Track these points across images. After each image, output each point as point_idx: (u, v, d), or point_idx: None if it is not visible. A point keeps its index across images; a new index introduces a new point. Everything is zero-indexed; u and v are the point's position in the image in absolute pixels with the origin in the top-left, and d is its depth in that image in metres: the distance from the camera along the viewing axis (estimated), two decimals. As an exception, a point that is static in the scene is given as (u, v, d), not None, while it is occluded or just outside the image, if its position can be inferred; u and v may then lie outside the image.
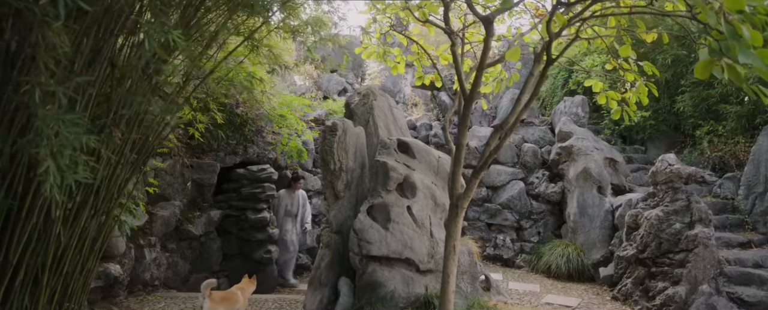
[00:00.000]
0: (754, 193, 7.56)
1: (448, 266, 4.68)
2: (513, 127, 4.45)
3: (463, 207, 4.66)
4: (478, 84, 4.58)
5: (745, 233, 7.44)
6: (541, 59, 4.21)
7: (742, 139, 7.99)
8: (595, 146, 8.35)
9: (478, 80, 4.55)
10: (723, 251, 7.03)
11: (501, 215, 9.14)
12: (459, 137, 4.70)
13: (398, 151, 6.25)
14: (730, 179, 8.03)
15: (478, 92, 7.60)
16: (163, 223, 7.03)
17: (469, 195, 4.61)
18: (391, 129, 7.19)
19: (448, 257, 4.66)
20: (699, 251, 5.84)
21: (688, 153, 8.88)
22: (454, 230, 4.66)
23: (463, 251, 6.06)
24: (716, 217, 7.66)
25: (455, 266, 4.71)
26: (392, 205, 5.80)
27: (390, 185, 5.86)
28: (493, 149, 4.44)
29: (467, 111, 4.70)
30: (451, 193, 4.68)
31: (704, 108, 8.58)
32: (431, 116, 10.47)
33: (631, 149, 10.00)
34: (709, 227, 5.94)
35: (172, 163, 7.40)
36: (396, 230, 5.66)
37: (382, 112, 7.10)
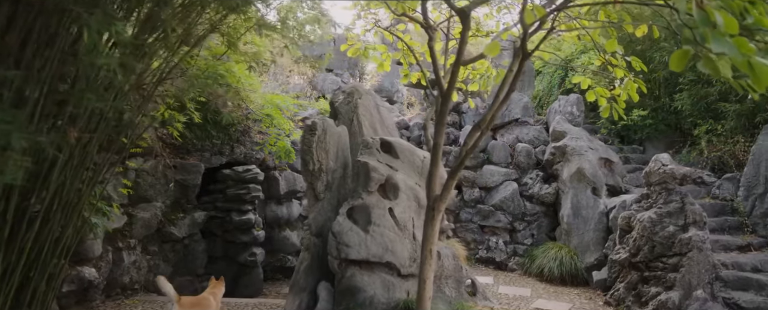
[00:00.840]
0: (753, 194, 7.30)
1: (424, 271, 4.48)
2: (489, 125, 4.24)
3: (440, 209, 4.46)
4: (454, 80, 4.37)
5: (744, 236, 7.18)
6: (519, 54, 4.00)
7: (742, 139, 7.73)
8: (590, 146, 8.12)
9: (454, 76, 4.34)
10: (721, 254, 6.79)
11: (494, 216, 8.92)
12: (436, 136, 4.49)
13: (381, 151, 6.05)
14: (729, 179, 7.77)
15: (473, 91, 7.36)
16: (144, 225, 6.87)
17: (446, 197, 4.40)
18: (377, 128, 6.99)
19: (425, 262, 4.46)
20: (693, 254, 5.60)
21: (687, 153, 8.63)
22: (431, 233, 4.46)
23: (447, 255, 5.86)
24: (714, 219, 7.42)
25: (432, 271, 4.51)
26: (373, 207, 5.60)
27: (371, 186, 5.66)
28: (470, 149, 4.23)
29: (445, 108, 4.50)
30: (428, 194, 4.47)
31: (703, 106, 8.33)
32: (425, 116, 10.24)
33: (628, 149, 9.75)
34: (704, 230, 5.70)
35: (154, 163, 7.23)
36: (376, 233, 5.46)
37: (367, 110, 6.90)
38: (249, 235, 7.83)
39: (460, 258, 6.16)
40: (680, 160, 8.80)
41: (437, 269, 5.70)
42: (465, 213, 9.19)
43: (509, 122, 9.53)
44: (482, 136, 4.17)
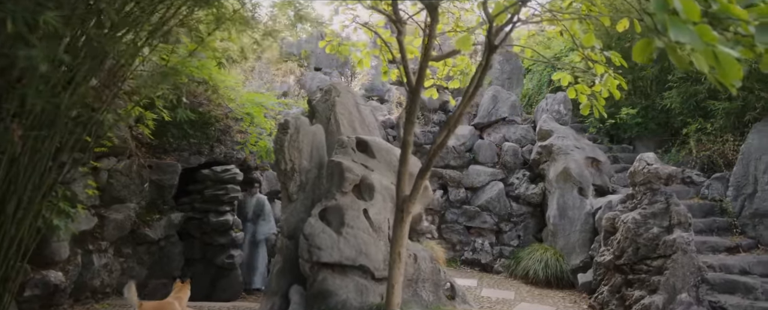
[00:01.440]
0: (743, 194, 7.13)
1: (393, 275, 4.30)
2: (457, 122, 4.06)
3: (409, 211, 4.29)
4: (422, 76, 4.20)
5: (732, 237, 7.02)
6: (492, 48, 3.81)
7: (731, 138, 7.56)
8: (576, 145, 7.94)
9: (422, 72, 4.17)
10: (708, 256, 6.62)
11: (480, 217, 8.74)
12: (405, 134, 4.31)
13: (356, 150, 5.87)
14: (718, 179, 7.60)
15: (458, 89, 7.16)
16: (116, 226, 6.67)
17: (415, 197, 4.23)
18: (356, 127, 6.80)
19: (393, 266, 4.28)
20: (677, 257, 5.42)
21: (676, 152, 8.46)
22: (400, 235, 4.28)
23: (424, 257, 5.67)
24: (703, 220, 7.25)
25: (401, 274, 4.33)
26: (347, 208, 5.41)
27: (345, 186, 5.48)
28: (437, 147, 4.05)
29: (414, 105, 4.31)
30: (397, 195, 4.30)
31: (692, 105, 8.16)
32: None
33: (617, 148, 9.57)
34: (689, 232, 5.52)
35: (128, 163, 7.04)
36: (350, 235, 5.28)
37: (346, 109, 6.71)
38: (227, 236, 7.64)
39: (439, 260, 5.98)
40: (669, 159, 8.63)
41: (414, 272, 5.52)
42: (450, 214, 9.01)
43: (496, 121, 9.34)
44: (450, 134, 3.98)
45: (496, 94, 9.44)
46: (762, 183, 6.89)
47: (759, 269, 6.31)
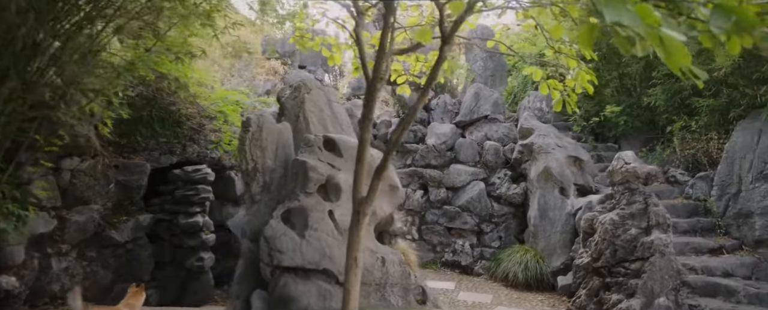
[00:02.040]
0: (727, 194, 6.93)
1: (348, 280, 4.06)
2: (412, 117, 3.83)
3: (366, 213, 4.05)
4: (379, 70, 3.96)
5: (716, 238, 6.81)
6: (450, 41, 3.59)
7: (716, 136, 7.36)
8: (558, 143, 7.72)
9: (378, 65, 3.93)
10: (691, 258, 6.42)
11: (460, 218, 8.52)
12: (361, 130, 4.07)
13: (323, 149, 5.63)
14: (702, 178, 7.40)
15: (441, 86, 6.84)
16: (78, 229, 6.43)
17: (371, 199, 3.99)
18: (328, 125, 6.57)
19: (349, 271, 4.05)
20: (655, 259, 5.21)
21: (661, 151, 8.25)
22: (356, 239, 4.04)
23: (393, 261, 5.44)
24: (686, 220, 7.05)
25: (358, 280, 4.10)
26: (311, 209, 5.18)
27: (309, 187, 5.24)
28: (392, 145, 3.82)
29: (371, 100, 4.08)
30: (353, 197, 4.07)
31: (677, 102, 7.95)
32: (392, 113, 9.86)
33: (602, 147, 9.37)
34: (667, 233, 5.31)
35: (93, 163, 6.79)
36: (313, 238, 5.05)
37: (316, 106, 6.48)
38: (196, 239, 7.40)
39: (410, 264, 5.75)
40: (654, 158, 8.42)
41: (381, 276, 5.29)
42: (431, 214, 8.79)
43: (478, 119, 9.13)
44: (404, 130, 3.75)
45: (479, 92, 9.22)
46: (746, 182, 6.69)
47: (742, 271, 6.11)
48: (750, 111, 6.99)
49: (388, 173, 5.80)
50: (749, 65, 6.79)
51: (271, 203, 5.51)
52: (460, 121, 9.22)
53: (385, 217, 5.76)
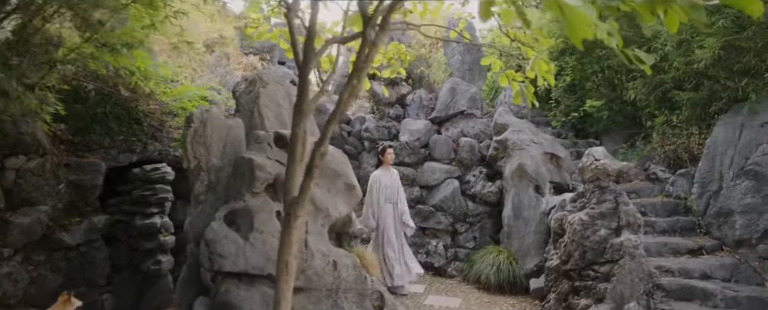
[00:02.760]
0: (708, 191, 6.60)
1: (279, 288, 3.71)
2: (341, 113, 3.49)
3: (297, 215, 3.72)
4: (309, 57, 3.63)
5: (696, 238, 6.49)
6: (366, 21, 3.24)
7: (697, 131, 7.03)
8: (533, 140, 7.39)
9: (308, 54, 3.60)
10: (669, 259, 6.10)
11: (434, 217, 8.19)
12: (293, 126, 3.74)
13: (274, 145, 5.30)
14: (683, 175, 7.07)
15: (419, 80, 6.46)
16: (23, 231, 6.08)
17: (303, 200, 3.66)
18: (286, 121, 6.23)
19: (280, 277, 3.70)
20: (625, 262, 4.89)
21: (642, 147, 7.92)
22: (287, 243, 3.69)
23: (346, 264, 5.11)
24: (666, 219, 6.74)
25: (289, 287, 3.76)
26: (258, 210, 4.86)
27: (256, 186, 4.92)
28: (319, 141, 3.48)
29: (303, 90, 3.74)
30: (284, 198, 3.73)
31: (658, 95, 7.61)
32: (367, 109, 9.53)
33: (583, 143, 9.03)
34: (638, 234, 4.99)
35: (41, 162, 6.46)
36: (258, 241, 4.72)
37: (273, 101, 6.15)
38: (154, 241, 7.07)
39: (368, 267, 5.43)
40: (635, 154, 8.09)
41: (333, 281, 4.96)
42: (404, 214, 8.45)
43: (454, 115, 8.79)
44: (331, 123, 3.41)
45: (455, 87, 8.88)
46: (727, 179, 6.36)
47: (721, 273, 5.79)
48: (732, 104, 6.66)
49: (343, 172, 5.48)
50: (730, 56, 6.46)
51: (216, 204, 5.18)
52: (436, 116, 8.89)
53: (341, 218, 5.43)
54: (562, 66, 8.74)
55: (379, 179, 6.96)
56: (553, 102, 9.12)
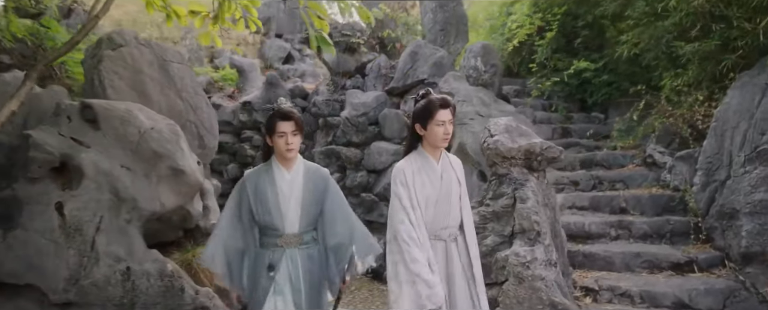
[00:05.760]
0: (714, 181, 4.65)
1: None
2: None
3: None
4: None
5: (690, 247, 4.63)
6: None
7: (701, 96, 5.03)
8: (480, 112, 5.72)
9: None
10: (641, 275, 4.36)
11: (377, 209, 6.78)
12: None
13: (78, 118, 4.21)
14: (684, 159, 5.13)
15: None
16: None
17: None
18: (150, 92, 5.16)
19: None
20: (509, 287, 3.29)
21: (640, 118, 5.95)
22: None
23: (148, 273, 3.92)
24: (650, 220, 4.94)
25: None
26: (29, 200, 3.81)
27: (32, 170, 3.87)
28: None
29: None
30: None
31: (662, 50, 5.62)
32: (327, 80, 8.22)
33: (580, 118, 7.12)
34: (536, 245, 3.34)
35: None
36: (18, 241, 3.69)
37: (128, 67, 5.06)
38: None
39: (197, 275, 4.24)
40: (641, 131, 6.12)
41: (123, 293, 3.82)
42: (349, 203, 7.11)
43: (414, 85, 7.23)
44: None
45: (417, 51, 7.32)
46: (736, 165, 4.41)
47: (706, 302, 3.97)
48: (751, 58, 4.62)
49: (166, 152, 4.29)
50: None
51: (5, 192, 4.21)
52: (393, 87, 7.39)
53: (165, 212, 4.27)
54: (548, 21, 6.86)
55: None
56: (533, 66, 7.23)
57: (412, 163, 2.60)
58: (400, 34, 8.05)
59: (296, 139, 2.64)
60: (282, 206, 2.67)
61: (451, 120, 2.51)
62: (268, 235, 2.70)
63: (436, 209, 2.57)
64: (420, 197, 2.52)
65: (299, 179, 2.73)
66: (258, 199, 2.67)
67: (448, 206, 2.60)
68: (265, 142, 2.76)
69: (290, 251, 2.67)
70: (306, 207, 2.70)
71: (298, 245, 2.69)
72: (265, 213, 2.66)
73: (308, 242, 2.73)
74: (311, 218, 2.73)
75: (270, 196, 2.67)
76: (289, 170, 2.73)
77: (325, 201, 2.80)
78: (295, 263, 2.66)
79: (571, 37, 7.02)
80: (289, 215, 2.66)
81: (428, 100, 2.53)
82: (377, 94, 7.32)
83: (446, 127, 2.49)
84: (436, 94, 2.57)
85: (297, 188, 2.70)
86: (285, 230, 2.66)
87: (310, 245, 2.74)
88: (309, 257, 2.71)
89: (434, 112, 2.47)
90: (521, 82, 7.72)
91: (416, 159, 2.61)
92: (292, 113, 2.63)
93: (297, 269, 2.66)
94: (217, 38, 4.53)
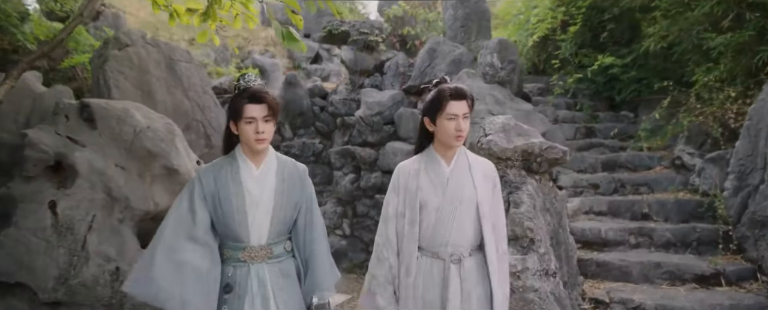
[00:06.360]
0: (747, 186, 4.24)
1: None
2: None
3: None
4: None
5: (718, 258, 4.22)
6: None
7: (734, 92, 4.59)
8: (492, 111, 5.44)
9: None
10: (649, 290, 4.02)
11: (391, 210, 6.58)
12: None
13: (76, 117, 4.23)
14: (714, 161, 4.70)
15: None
16: None
17: None
18: (155, 92, 5.18)
19: None
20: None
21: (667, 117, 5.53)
22: None
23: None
24: (675, 227, 4.56)
25: None
26: (24, 199, 3.84)
27: (27, 168, 3.90)
28: None
29: None
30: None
31: (692, 42, 5.20)
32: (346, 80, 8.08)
33: (607, 117, 6.70)
34: (529, 254, 3.08)
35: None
36: (10, 239, 3.70)
37: (135, 67, 5.09)
38: None
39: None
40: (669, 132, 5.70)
41: (112, 294, 3.78)
42: (362, 205, 6.98)
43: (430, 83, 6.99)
44: None
45: (435, 48, 7.08)
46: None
47: (730, 321, 3.57)
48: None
49: (160, 152, 4.24)
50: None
51: (8, 190, 4.27)
52: (411, 86, 7.17)
53: (159, 211, 4.22)
54: (572, 14, 6.50)
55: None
56: (556, 62, 6.85)
57: (415, 162, 2.24)
58: (420, 31, 7.82)
59: (268, 126, 2.08)
60: (248, 210, 2.10)
61: (465, 114, 2.10)
62: (228, 246, 2.13)
63: (437, 219, 2.14)
64: (415, 202, 2.14)
65: (271, 177, 2.17)
66: (216, 201, 2.10)
67: (451, 217, 2.12)
68: (228, 129, 2.17)
69: (257, 268, 2.10)
70: (279, 212, 2.15)
71: (266, 259, 2.12)
72: (226, 219, 2.10)
73: (280, 255, 2.17)
74: (285, 226, 2.19)
75: (233, 197, 2.10)
76: (258, 165, 2.16)
77: (302, 204, 2.25)
78: (263, 281, 2.09)
79: (598, 31, 6.61)
80: (256, 223, 2.11)
81: (439, 89, 2.16)
82: (393, 92, 7.13)
83: (459, 122, 2.08)
84: (449, 84, 2.19)
85: (268, 188, 2.15)
86: (250, 242, 2.11)
87: (282, 259, 2.18)
88: (282, 274, 2.15)
89: (444, 103, 2.08)
90: (546, 79, 7.35)
91: (422, 158, 2.24)
92: (265, 94, 2.06)
93: (265, 288, 2.08)
94: (215, 37, 4.47)
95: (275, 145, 7.71)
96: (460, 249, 2.13)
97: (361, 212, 6.99)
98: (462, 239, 2.13)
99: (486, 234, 2.13)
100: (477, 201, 2.13)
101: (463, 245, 2.13)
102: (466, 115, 2.12)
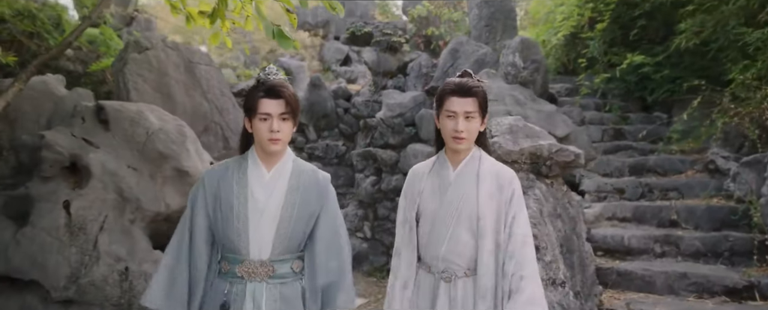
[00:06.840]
0: (785, 192, 3.92)
1: None
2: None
3: None
4: None
5: (751, 269, 3.92)
6: None
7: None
8: (510, 112, 5.25)
9: None
10: (687, 302, 3.78)
11: (411, 213, 6.47)
12: None
13: (92, 119, 4.32)
14: (750, 165, 4.38)
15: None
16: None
17: None
18: (175, 94, 5.27)
19: None
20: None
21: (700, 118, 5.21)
22: None
23: (148, 274, 3.93)
24: (705, 235, 4.29)
25: None
26: (40, 199, 3.94)
27: (44, 169, 4.00)
28: None
29: None
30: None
31: (728, 38, 4.88)
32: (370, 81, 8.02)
33: (638, 118, 6.39)
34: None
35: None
36: (26, 238, 3.81)
37: (154, 70, 5.19)
38: None
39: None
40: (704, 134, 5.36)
41: (121, 294, 3.83)
42: (383, 208, 6.90)
43: (453, 83, 6.84)
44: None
45: (458, 48, 6.93)
46: (811, 172, 3.67)
47: (761, 339, 3.30)
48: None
49: (172, 153, 4.28)
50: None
51: (27, 191, 4.40)
52: (432, 87, 7.04)
53: (170, 212, 4.25)
54: (600, 11, 6.23)
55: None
56: (583, 60, 6.57)
57: (427, 165, 2.05)
58: (444, 31, 7.69)
59: (285, 125, 1.83)
60: (250, 217, 1.85)
61: (468, 113, 1.84)
62: (227, 259, 1.89)
63: (431, 228, 1.92)
64: (414, 207, 1.97)
65: (282, 182, 1.90)
66: (217, 204, 1.87)
67: (444, 229, 1.89)
68: (244, 128, 1.94)
69: (253, 287, 1.84)
70: (286, 224, 1.87)
71: (266, 277, 1.85)
72: (224, 225, 1.86)
73: (285, 275, 1.89)
74: (293, 241, 1.90)
75: (235, 201, 1.86)
76: (269, 168, 1.91)
77: (319, 219, 1.95)
78: (258, 304, 1.82)
79: (628, 28, 6.31)
80: (258, 233, 1.85)
81: (444, 83, 1.93)
82: (415, 94, 7.02)
83: (458, 121, 1.83)
84: (455, 78, 1.92)
85: (278, 194, 1.88)
86: (249, 255, 1.85)
87: (287, 281, 1.89)
88: (281, 298, 1.86)
89: (443, 99, 1.87)
90: (574, 80, 7.09)
91: (435, 161, 2.04)
92: (283, 89, 1.81)
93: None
94: (227, 39, 4.48)
95: (299, 148, 7.68)
96: (453, 266, 1.88)
97: (381, 215, 6.91)
98: (455, 255, 1.88)
99: (482, 253, 1.84)
100: (477, 214, 1.85)
101: (456, 262, 1.88)
102: (470, 115, 1.84)
